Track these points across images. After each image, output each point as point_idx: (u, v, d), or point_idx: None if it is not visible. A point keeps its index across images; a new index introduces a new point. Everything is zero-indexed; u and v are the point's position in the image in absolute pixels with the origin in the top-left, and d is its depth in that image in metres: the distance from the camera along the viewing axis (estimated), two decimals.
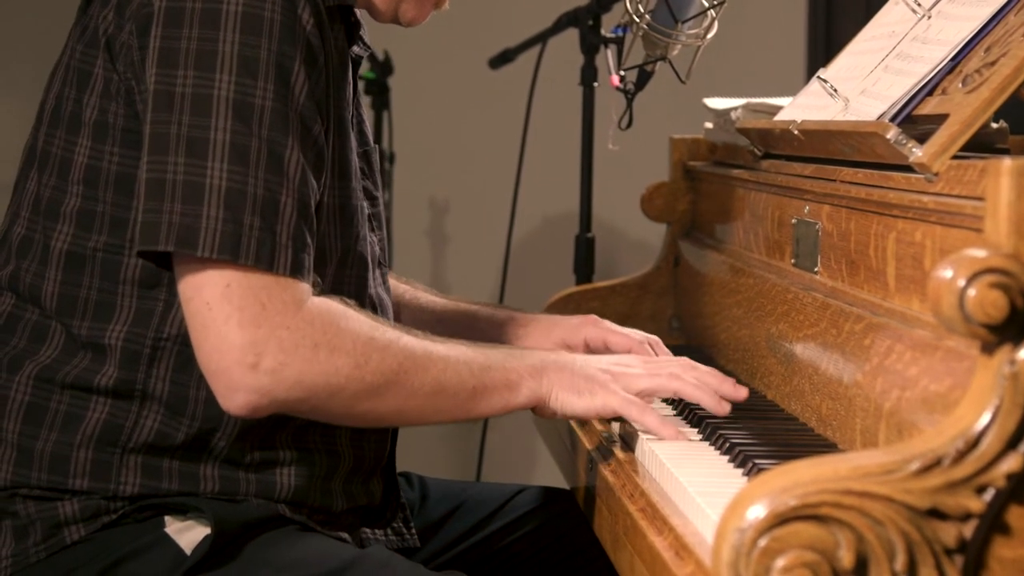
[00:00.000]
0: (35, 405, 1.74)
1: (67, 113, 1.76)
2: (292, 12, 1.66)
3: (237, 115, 1.63)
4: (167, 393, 1.74)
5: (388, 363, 1.67)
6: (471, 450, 3.94)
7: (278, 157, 1.64)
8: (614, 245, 3.91)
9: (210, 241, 1.60)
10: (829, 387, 1.76)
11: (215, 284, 1.61)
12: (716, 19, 2.45)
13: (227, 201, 1.61)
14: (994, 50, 1.64)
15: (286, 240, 1.63)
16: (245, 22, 1.64)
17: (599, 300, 2.75)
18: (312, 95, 1.69)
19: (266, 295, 1.61)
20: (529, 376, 1.79)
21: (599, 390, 1.80)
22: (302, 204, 1.66)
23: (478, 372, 1.75)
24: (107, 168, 1.73)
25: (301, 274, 1.65)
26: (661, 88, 2.68)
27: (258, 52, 1.64)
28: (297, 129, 1.66)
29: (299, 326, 1.62)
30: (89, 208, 1.74)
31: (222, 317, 1.60)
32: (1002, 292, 1.20)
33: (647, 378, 1.84)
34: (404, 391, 1.69)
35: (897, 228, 1.64)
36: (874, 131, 1.68)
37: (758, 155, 2.26)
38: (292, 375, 1.61)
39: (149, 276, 1.72)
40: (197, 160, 1.62)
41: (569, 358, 1.84)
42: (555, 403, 1.80)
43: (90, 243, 1.74)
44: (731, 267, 2.31)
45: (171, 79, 1.64)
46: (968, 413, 1.22)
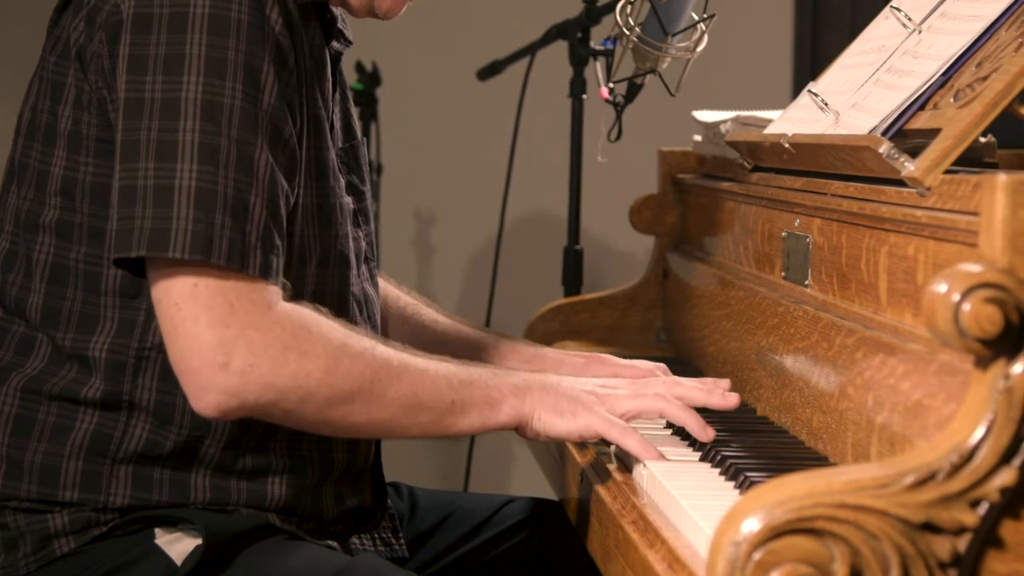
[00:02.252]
0: (23, 417, 1.74)
1: (42, 125, 1.76)
2: (260, 13, 1.66)
3: (206, 115, 1.62)
4: (154, 402, 1.73)
5: (360, 370, 1.65)
6: (459, 461, 3.93)
7: (247, 157, 1.63)
8: (602, 257, 3.92)
9: (181, 241, 1.59)
10: (820, 400, 1.76)
11: (183, 284, 1.59)
12: (706, 32, 2.46)
13: (197, 201, 1.60)
14: (986, 65, 1.64)
15: (255, 241, 1.62)
16: (212, 24, 1.63)
17: (587, 312, 2.75)
18: (283, 96, 1.68)
19: (235, 295, 1.60)
20: (512, 395, 1.76)
21: (582, 412, 1.78)
22: (272, 205, 1.65)
23: (457, 387, 1.73)
24: (83, 179, 1.72)
25: (269, 276, 1.63)
26: (650, 101, 2.68)
27: (226, 53, 1.63)
28: (267, 130, 1.65)
29: (269, 327, 1.60)
30: (67, 219, 1.74)
31: (191, 317, 1.59)
32: (997, 307, 1.21)
33: (631, 399, 1.82)
34: (378, 400, 1.67)
35: (889, 242, 1.64)
36: (866, 145, 1.69)
37: (747, 168, 2.26)
38: (261, 377, 1.60)
39: (130, 286, 1.72)
40: (166, 163, 1.61)
41: (554, 379, 1.81)
42: (537, 424, 1.77)
43: (71, 255, 1.74)
44: (720, 280, 2.31)
45: (140, 86, 1.63)
46: (962, 427, 1.23)
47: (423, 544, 2.11)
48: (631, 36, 2.47)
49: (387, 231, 4.02)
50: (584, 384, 1.83)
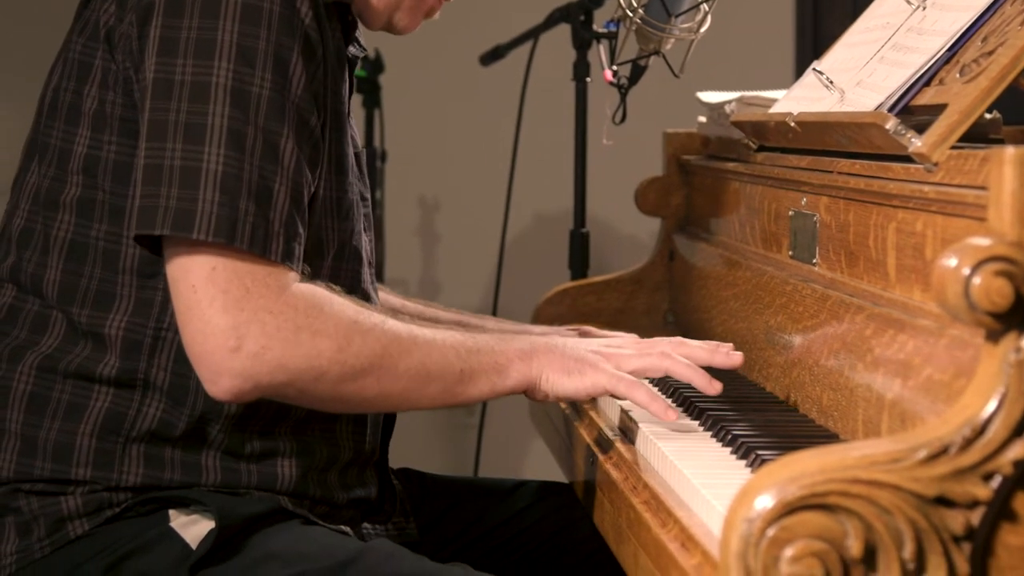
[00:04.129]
0: (37, 395, 1.75)
1: (65, 104, 1.78)
2: (291, 5, 1.68)
3: (234, 103, 1.64)
4: (168, 383, 1.75)
5: (372, 346, 1.67)
6: (468, 445, 3.94)
7: (273, 146, 1.65)
8: (608, 240, 3.92)
9: (205, 224, 1.61)
10: (830, 378, 1.76)
11: (201, 267, 1.61)
12: (709, 13, 2.46)
13: (223, 185, 1.62)
14: (991, 40, 1.64)
15: (278, 227, 1.64)
16: (245, 13, 1.66)
17: (594, 295, 2.75)
18: (309, 87, 1.70)
19: (251, 279, 1.62)
20: (518, 359, 1.78)
21: (589, 370, 1.80)
22: (296, 193, 1.67)
23: (465, 355, 1.74)
24: (106, 157, 1.74)
25: (291, 261, 1.66)
26: (654, 82, 2.68)
27: (257, 42, 1.66)
28: (293, 120, 1.67)
29: (282, 310, 1.62)
30: (89, 197, 1.75)
31: (207, 299, 1.60)
32: (1007, 280, 1.21)
33: (637, 358, 1.84)
34: (389, 374, 1.69)
35: (897, 218, 1.64)
36: (872, 122, 1.68)
37: (753, 148, 2.26)
38: (274, 358, 1.61)
39: (148, 265, 1.74)
40: (194, 146, 1.63)
41: (559, 340, 1.84)
42: (545, 385, 1.79)
43: (91, 232, 1.75)
44: (727, 260, 2.31)
45: (171, 67, 1.65)
46: (974, 401, 1.23)
47: (434, 528, 2.11)
48: (634, 18, 2.46)
49: (392, 219, 4.02)
50: (589, 344, 1.85)
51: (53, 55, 1.85)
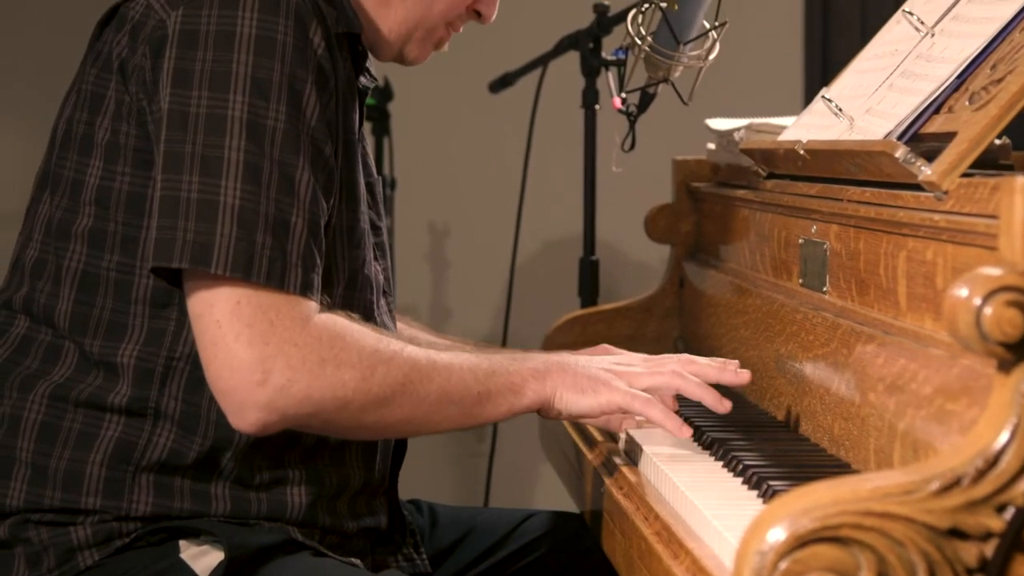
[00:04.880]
0: (49, 424, 1.75)
1: (78, 136, 1.78)
2: (304, 35, 1.69)
3: (250, 135, 1.65)
4: (179, 412, 1.75)
5: (394, 374, 1.69)
6: (479, 475, 3.93)
7: (289, 178, 1.67)
8: (618, 267, 3.91)
9: (223, 258, 1.62)
10: (841, 407, 1.75)
11: (226, 301, 1.63)
12: (718, 40, 2.46)
13: (240, 219, 1.63)
14: (1000, 67, 1.64)
15: (296, 259, 1.65)
16: (258, 44, 1.67)
17: (604, 323, 2.75)
18: (323, 117, 1.71)
19: (275, 312, 1.63)
20: (533, 378, 1.81)
21: (602, 388, 1.82)
22: (312, 224, 1.68)
23: (482, 378, 1.77)
24: (119, 188, 1.75)
25: (310, 292, 1.67)
26: (663, 110, 2.68)
27: (271, 74, 1.67)
28: (308, 150, 1.69)
29: (307, 342, 1.64)
30: (101, 228, 1.76)
31: (232, 334, 1.62)
32: (1019, 310, 1.20)
33: (648, 375, 1.87)
34: (411, 400, 1.71)
35: (908, 247, 1.63)
36: (882, 150, 1.68)
37: (762, 175, 2.26)
38: (300, 391, 1.63)
39: (161, 295, 1.74)
40: (211, 179, 1.64)
41: (572, 359, 1.86)
42: (560, 403, 1.82)
43: (103, 263, 1.76)
44: (737, 288, 2.30)
45: (186, 99, 1.66)
46: (986, 432, 1.22)
47: (444, 560, 2.11)
48: (643, 45, 2.46)
49: (401, 245, 4.02)
50: (601, 362, 1.88)
51: (64, 83, 1.86)
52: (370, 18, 1.88)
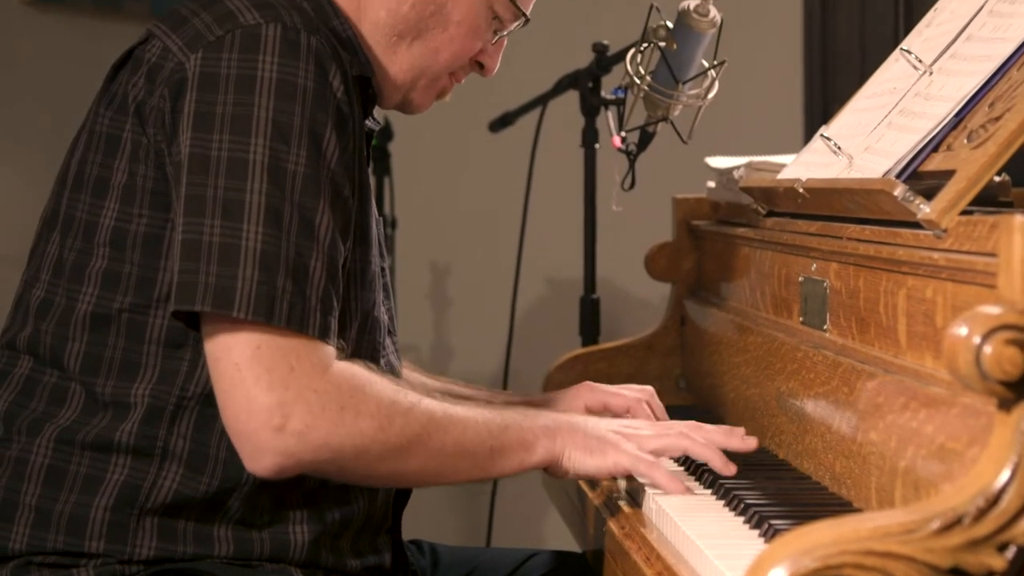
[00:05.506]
0: (55, 468, 1.75)
1: (92, 177, 1.79)
2: (324, 79, 1.70)
3: (271, 179, 1.66)
4: (187, 451, 1.75)
5: (411, 426, 1.71)
6: (481, 515, 3.92)
7: (309, 221, 1.68)
8: (619, 306, 3.91)
9: (245, 302, 1.63)
10: (842, 445, 1.75)
11: (245, 345, 1.63)
12: (717, 79, 2.46)
13: (262, 263, 1.64)
14: (998, 105, 1.64)
15: (315, 303, 1.67)
16: (279, 88, 1.68)
17: (605, 361, 2.75)
18: (342, 160, 1.72)
19: (295, 357, 1.64)
20: (544, 436, 1.83)
21: (610, 450, 1.85)
22: (331, 268, 1.69)
23: (496, 432, 1.79)
24: (135, 229, 1.75)
25: (328, 337, 1.68)
26: (663, 148, 2.68)
27: (292, 118, 1.68)
28: (328, 194, 1.70)
29: (326, 389, 1.65)
30: (115, 269, 1.76)
31: (252, 378, 1.62)
32: (1018, 349, 1.20)
33: (656, 438, 1.88)
34: (426, 452, 1.73)
35: (907, 285, 1.63)
36: (881, 188, 1.68)
37: (762, 213, 2.26)
38: (319, 437, 1.64)
39: (175, 336, 1.75)
40: (233, 223, 1.65)
41: (581, 419, 1.88)
42: (568, 462, 1.84)
43: (115, 304, 1.76)
44: (738, 326, 2.30)
45: (207, 143, 1.67)
46: (987, 470, 1.22)
47: None
48: (642, 84, 2.47)
49: (403, 284, 4.02)
50: (610, 424, 1.90)
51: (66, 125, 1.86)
52: (379, 63, 1.89)
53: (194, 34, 1.73)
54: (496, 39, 1.95)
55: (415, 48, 1.90)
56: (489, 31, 1.93)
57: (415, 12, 1.88)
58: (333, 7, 1.85)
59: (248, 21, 1.71)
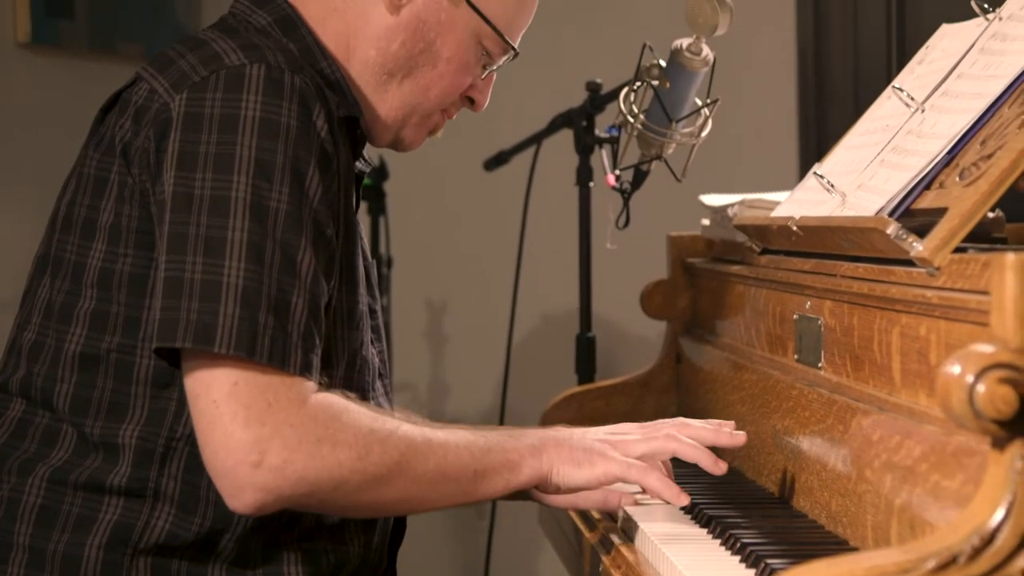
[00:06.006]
0: (48, 508, 1.75)
1: (80, 219, 1.79)
2: (307, 118, 1.71)
3: (254, 216, 1.66)
4: (179, 492, 1.75)
5: (390, 454, 1.70)
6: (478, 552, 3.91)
7: (291, 259, 1.67)
8: (615, 343, 3.91)
9: (226, 338, 1.62)
10: (838, 483, 1.75)
11: (223, 382, 1.63)
12: (710, 117, 2.47)
13: (243, 299, 1.64)
14: (990, 143, 1.65)
15: (297, 339, 1.66)
16: (262, 127, 1.68)
17: (602, 399, 2.74)
18: (325, 199, 1.72)
19: (272, 393, 1.63)
20: (529, 455, 1.82)
21: (598, 459, 1.84)
22: (313, 305, 1.69)
23: (479, 455, 1.78)
24: (121, 269, 1.75)
25: (309, 373, 1.67)
26: (657, 186, 2.69)
27: (274, 156, 1.68)
28: (310, 232, 1.70)
29: (302, 422, 1.64)
30: (103, 310, 1.76)
31: (229, 414, 1.62)
32: (1011, 387, 1.20)
33: (644, 442, 1.87)
34: (407, 480, 1.71)
35: (901, 323, 1.64)
36: (874, 226, 1.69)
37: (756, 251, 2.26)
38: (296, 471, 1.63)
39: (162, 376, 1.74)
40: (214, 259, 1.65)
41: (566, 433, 1.87)
42: (557, 477, 1.83)
43: (103, 344, 1.76)
44: (733, 363, 2.31)
45: (190, 181, 1.68)
46: (982, 509, 1.22)
47: None
48: (635, 123, 2.48)
49: (399, 323, 4.02)
50: (595, 433, 1.89)
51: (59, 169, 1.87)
52: (368, 103, 1.90)
53: (180, 75, 1.74)
54: (485, 74, 1.96)
55: (405, 86, 1.90)
56: (478, 66, 1.94)
57: (404, 50, 1.88)
58: (321, 49, 1.86)
59: (233, 62, 1.72)
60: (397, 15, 1.88)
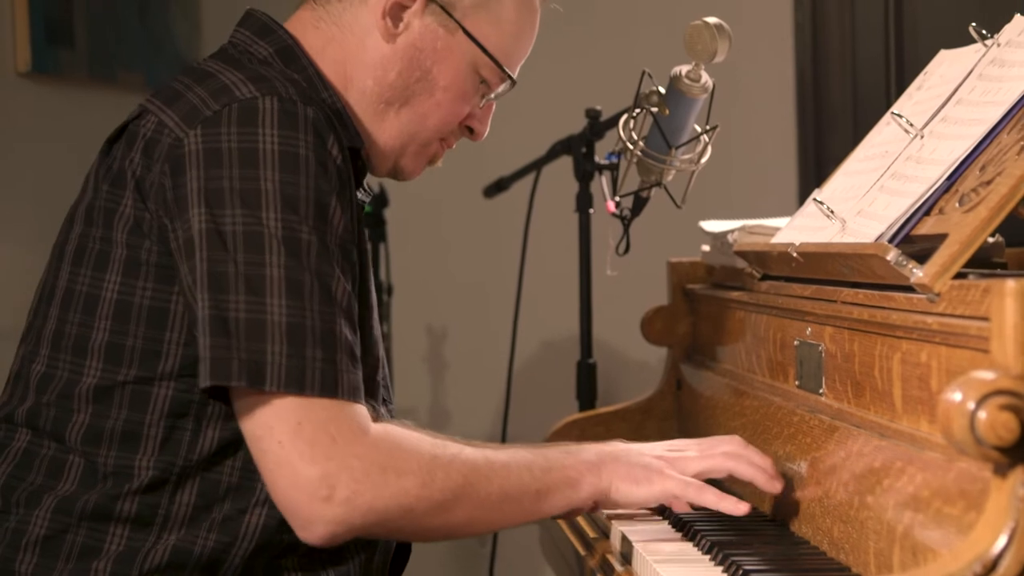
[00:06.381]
0: (52, 538, 1.76)
1: (93, 251, 1.80)
2: (323, 148, 1.72)
3: (288, 251, 1.68)
4: (188, 517, 1.76)
5: (453, 478, 1.73)
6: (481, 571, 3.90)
7: (327, 288, 1.70)
8: (616, 370, 3.91)
9: (277, 375, 1.65)
10: (840, 510, 1.74)
11: (286, 422, 1.66)
12: (709, 144, 2.47)
13: (289, 335, 1.66)
14: (989, 169, 1.65)
15: (343, 366, 1.69)
16: (282, 160, 1.70)
17: (603, 426, 2.74)
18: (347, 224, 1.74)
19: (334, 427, 1.66)
20: (588, 472, 1.85)
21: (656, 477, 1.87)
22: (351, 329, 1.72)
23: (539, 475, 1.81)
24: (139, 303, 1.76)
25: (358, 396, 1.70)
26: (657, 212, 2.69)
27: (298, 189, 1.70)
28: (338, 258, 1.72)
29: (367, 453, 1.67)
30: (118, 342, 1.77)
31: (296, 454, 1.65)
32: (1013, 414, 1.20)
33: (701, 460, 1.92)
34: (472, 503, 1.74)
35: (902, 349, 1.64)
36: (874, 253, 1.69)
37: (757, 277, 2.27)
38: (365, 502, 1.66)
39: (178, 407, 1.76)
40: (257, 297, 1.67)
41: (623, 449, 1.90)
42: (616, 494, 1.86)
43: (119, 376, 1.77)
44: (734, 389, 2.31)
45: (219, 218, 1.69)
46: (984, 536, 1.22)
47: None
48: (635, 150, 2.48)
49: (400, 349, 4.02)
50: (653, 449, 1.92)
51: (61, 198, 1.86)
52: (367, 132, 1.91)
53: (190, 109, 1.74)
54: (484, 103, 1.97)
55: (403, 115, 1.91)
56: (476, 95, 1.95)
57: (401, 79, 1.89)
58: (322, 79, 1.87)
59: (244, 95, 1.73)
60: (393, 44, 1.89)
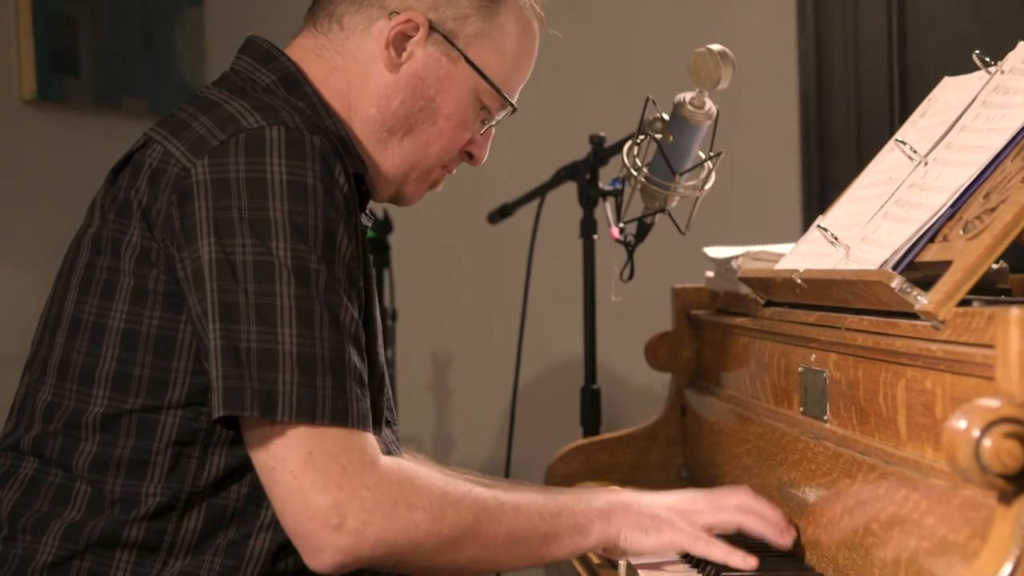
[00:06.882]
0: (59, 565, 1.75)
1: (100, 280, 1.80)
2: (330, 177, 1.73)
3: (298, 280, 1.69)
4: (195, 542, 1.77)
5: (463, 516, 1.74)
6: None
7: (335, 317, 1.71)
8: (620, 395, 3.91)
9: (288, 405, 1.66)
10: (844, 537, 1.74)
11: (297, 452, 1.67)
12: (713, 170, 2.48)
13: (300, 365, 1.67)
14: (993, 196, 1.65)
15: (352, 394, 1.70)
16: (291, 190, 1.71)
17: (607, 451, 2.74)
18: (354, 252, 1.75)
19: (345, 457, 1.67)
20: (598, 519, 1.86)
21: (666, 528, 1.88)
22: (359, 356, 1.73)
23: (549, 518, 1.82)
24: (146, 331, 1.77)
25: (367, 425, 1.71)
26: (661, 238, 2.69)
27: (306, 219, 1.71)
28: (346, 286, 1.73)
29: (378, 484, 1.68)
30: (125, 371, 1.77)
31: (308, 483, 1.66)
32: (1018, 442, 1.20)
33: (711, 512, 1.92)
34: (480, 542, 1.76)
35: (906, 376, 1.64)
36: (878, 279, 1.69)
37: (761, 303, 2.27)
38: (374, 533, 1.68)
39: (185, 435, 1.76)
40: (268, 327, 1.68)
41: (635, 497, 1.91)
42: (624, 543, 1.87)
43: (126, 405, 1.77)
44: (738, 415, 2.30)
45: (229, 248, 1.70)
46: (989, 564, 1.22)
47: None
48: (639, 176, 2.48)
49: (404, 375, 4.02)
50: (664, 499, 1.93)
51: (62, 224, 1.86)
52: (371, 160, 1.92)
53: (196, 139, 1.75)
54: (484, 129, 1.97)
55: (406, 143, 1.92)
56: (477, 122, 1.96)
57: (404, 108, 1.90)
58: (325, 107, 1.88)
59: (251, 124, 1.73)
60: (397, 73, 1.89)
